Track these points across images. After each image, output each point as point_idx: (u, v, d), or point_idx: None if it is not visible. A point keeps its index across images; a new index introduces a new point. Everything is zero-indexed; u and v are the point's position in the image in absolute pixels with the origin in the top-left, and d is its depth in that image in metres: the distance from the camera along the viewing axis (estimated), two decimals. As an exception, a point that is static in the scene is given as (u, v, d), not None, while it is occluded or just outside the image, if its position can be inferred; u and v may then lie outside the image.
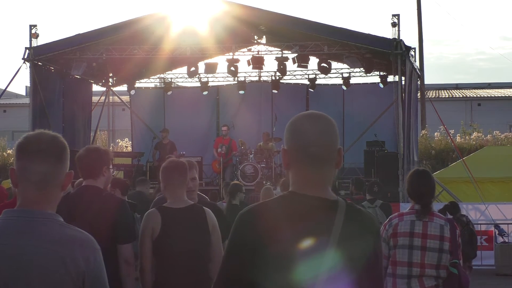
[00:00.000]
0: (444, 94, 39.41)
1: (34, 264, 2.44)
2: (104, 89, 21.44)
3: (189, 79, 20.86)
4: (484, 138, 27.11)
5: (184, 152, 18.05)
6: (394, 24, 16.04)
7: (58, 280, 2.44)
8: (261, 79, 21.46)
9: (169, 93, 21.47)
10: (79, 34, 17.22)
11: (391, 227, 4.97)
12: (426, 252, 4.86)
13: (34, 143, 2.53)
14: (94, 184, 4.90)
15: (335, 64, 19.51)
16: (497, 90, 41.32)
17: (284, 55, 17.90)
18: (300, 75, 20.98)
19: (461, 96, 39.20)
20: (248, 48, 18.92)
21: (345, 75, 20.39)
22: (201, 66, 19.14)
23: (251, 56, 18.33)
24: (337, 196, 2.50)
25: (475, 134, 27.60)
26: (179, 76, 21.71)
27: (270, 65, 19.59)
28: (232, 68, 18.21)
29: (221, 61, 18.89)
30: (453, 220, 5.09)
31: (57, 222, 2.52)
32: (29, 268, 2.44)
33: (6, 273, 2.43)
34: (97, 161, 4.94)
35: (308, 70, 19.91)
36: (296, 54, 17.58)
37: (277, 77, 20.48)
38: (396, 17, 16.07)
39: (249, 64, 18.50)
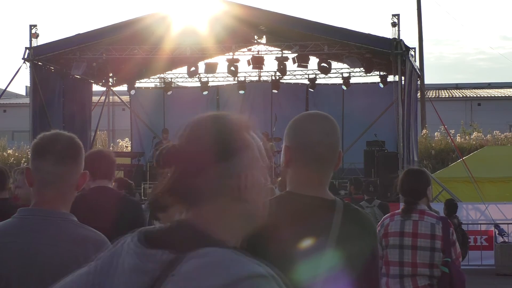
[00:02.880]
0: (444, 94, 39.41)
1: (48, 262, 2.46)
2: (104, 89, 21.45)
3: (189, 79, 20.87)
4: (484, 138, 27.13)
5: None
6: (394, 24, 16.04)
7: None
8: (261, 79, 21.47)
9: (169, 93, 21.48)
10: (79, 34, 17.23)
11: (383, 227, 4.99)
12: (417, 251, 4.87)
13: (50, 143, 2.56)
14: (108, 186, 4.91)
15: (335, 64, 19.52)
16: (497, 90, 41.32)
17: (284, 55, 17.91)
18: (300, 75, 20.99)
19: (461, 96, 39.21)
20: (248, 48, 18.93)
21: (345, 75, 20.39)
22: (201, 66, 19.17)
23: (251, 56, 18.34)
24: (335, 196, 2.51)
25: (475, 134, 27.62)
26: (179, 76, 21.72)
27: (270, 65, 19.65)
28: (232, 68, 18.22)
29: (221, 61, 18.94)
30: (446, 218, 5.08)
31: (71, 222, 2.55)
32: (43, 266, 2.46)
33: (20, 272, 2.46)
34: (113, 164, 5.00)
35: (308, 70, 19.92)
36: (296, 54, 17.59)
37: (277, 77, 20.49)
38: (396, 17, 16.08)
39: (249, 64, 18.51)
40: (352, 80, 20.57)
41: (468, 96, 39.01)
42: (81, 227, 2.55)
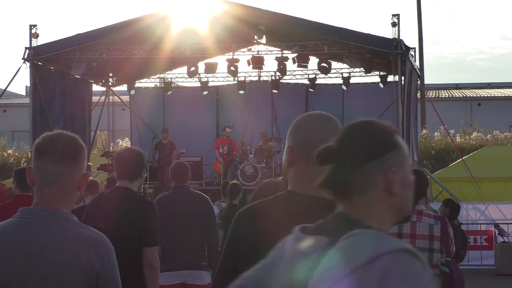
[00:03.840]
0: (444, 94, 39.42)
1: (49, 262, 2.46)
2: (104, 89, 21.44)
3: (189, 79, 20.86)
4: (484, 138, 27.14)
5: (184, 151, 18.04)
6: (394, 24, 16.03)
7: (72, 279, 2.47)
8: (261, 79, 21.45)
9: (169, 93, 21.47)
10: (79, 34, 17.21)
11: None
12: None
13: (50, 143, 2.57)
14: (128, 186, 4.88)
15: (335, 64, 19.50)
16: (497, 90, 41.34)
17: (284, 55, 17.90)
18: (300, 75, 20.98)
19: (461, 96, 39.21)
20: (248, 48, 18.91)
21: (345, 75, 20.38)
22: (201, 66, 19.14)
23: (251, 56, 18.32)
24: None
25: (475, 134, 27.63)
26: (179, 76, 21.71)
27: (270, 65, 19.60)
28: (232, 68, 18.20)
29: (221, 61, 18.92)
30: (444, 218, 5.08)
31: (72, 222, 2.55)
32: (44, 266, 2.47)
33: (21, 271, 2.46)
34: (134, 164, 4.92)
35: (308, 70, 19.90)
36: (296, 54, 17.57)
37: (277, 77, 20.48)
38: (396, 17, 16.06)
39: (249, 64, 18.49)
40: (352, 80, 20.56)
41: (468, 96, 39.02)
42: (82, 227, 2.56)
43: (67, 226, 2.52)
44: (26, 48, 16.74)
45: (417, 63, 19.53)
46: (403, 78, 16.52)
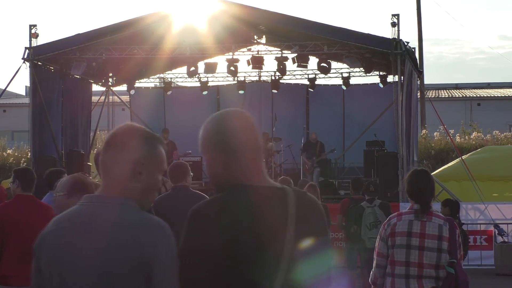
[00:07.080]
0: (443, 94, 39.44)
1: (101, 244, 2.37)
2: (104, 89, 21.44)
3: (189, 79, 20.86)
4: (484, 138, 27.14)
5: (190, 151, 18.00)
6: (393, 24, 16.03)
7: (121, 265, 2.35)
8: (261, 79, 21.46)
9: (169, 93, 21.48)
10: (79, 34, 17.21)
11: (390, 226, 5.00)
12: (424, 251, 4.88)
13: None
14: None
15: (335, 64, 19.50)
16: (496, 90, 41.35)
17: (284, 55, 17.90)
18: (300, 75, 20.98)
19: (461, 96, 39.23)
20: (248, 48, 18.92)
21: (345, 75, 20.38)
22: (201, 66, 19.16)
23: (251, 56, 18.33)
24: (282, 184, 2.58)
25: (474, 134, 27.65)
26: (179, 76, 21.72)
27: (270, 65, 19.61)
28: (232, 68, 18.22)
29: (221, 61, 18.93)
30: (452, 220, 5.11)
31: (128, 207, 2.45)
32: (98, 248, 2.37)
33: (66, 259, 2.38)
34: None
35: (308, 70, 19.91)
36: (296, 54, 17.58)
37: (277, 77, 20.48)
38: (396, 17, 16.07)
39: (249, 64, 18.50)
40: (352, 80, 20.57)
41: (468, 96, 39.03)
42: (139, 213, 2.48)
43: (121, 211, 2.42)
44: (26, 48, 16.74)
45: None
46: (402, 78, 16.52)
